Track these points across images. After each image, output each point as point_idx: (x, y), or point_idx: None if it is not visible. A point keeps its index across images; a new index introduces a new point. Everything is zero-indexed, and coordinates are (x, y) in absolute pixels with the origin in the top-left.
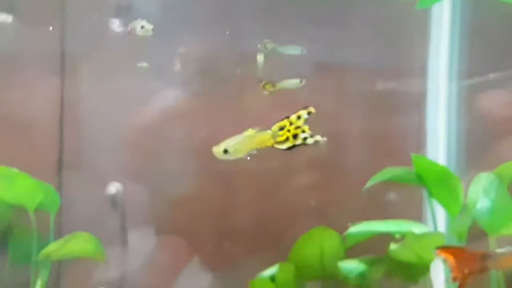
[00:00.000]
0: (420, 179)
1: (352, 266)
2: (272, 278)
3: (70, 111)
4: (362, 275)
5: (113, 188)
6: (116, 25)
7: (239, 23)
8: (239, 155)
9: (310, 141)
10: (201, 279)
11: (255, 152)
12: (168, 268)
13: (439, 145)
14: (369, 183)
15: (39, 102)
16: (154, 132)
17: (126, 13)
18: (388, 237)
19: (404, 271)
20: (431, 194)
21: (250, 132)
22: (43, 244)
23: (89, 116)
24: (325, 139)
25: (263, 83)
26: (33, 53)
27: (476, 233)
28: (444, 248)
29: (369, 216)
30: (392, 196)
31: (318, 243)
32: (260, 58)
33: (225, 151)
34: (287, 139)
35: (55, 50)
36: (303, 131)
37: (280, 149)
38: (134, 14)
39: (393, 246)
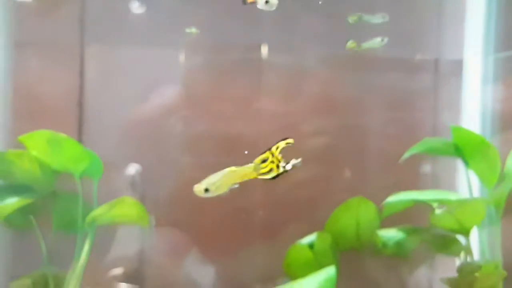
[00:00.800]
0: (457, 150)
1: (390, 234)
2: (310, 246)
3: (90, 95)
4: (399, 244)
5: (133, 169)
6: (135, 6)
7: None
8: (221, 191)
9: (289, 167)
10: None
11: (237, 185)
12: (184, 250)
13: (474, 117)
14: (407, 154)
15: (58, 86)
16: (170, 119)
17: None
18: (422, 209)
19: (439, 242)
20: (468, 165)
21: (231, 168)
22: (87, 210)
23: (109, 99)
24: (299, 160)
25: (349, 43)
26: (53, 35)
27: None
28: None
29: (403, 188)
30: (426, 168)
31: (355, 214)
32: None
33: (206, 190)
34: (271, 169)
35: (75, 33)
36: (279, 161)
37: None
38: None
39: (438, 211)
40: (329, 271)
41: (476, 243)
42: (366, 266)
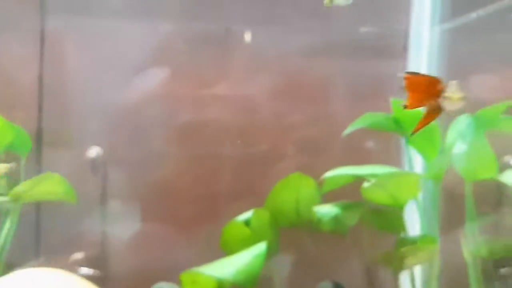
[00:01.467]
0: (398, 124)
1: (325, 210)
2: (246, 223)
3: (49, 79)
4: (336, 220)
5: (93, 151)
6: None
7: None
8: None
9: None
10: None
11: None
12: (147, 234)
13: None
14: (349, 129)
15: (17, 74)
16: (135, 108)
17: None
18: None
19: (379, 218)
20: (408, 140)
21: None
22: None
23: (69, 84)
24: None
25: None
26: (12, 21)
27: (454, 177)
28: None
29: (347, 163)
30: (371, 143)
31: (294, 190)
32: None
33: None
34: None
35: (35, 20)
36: None
37: None
38: None
39: (366, 184)
40: (260, 247)
41: (416, 218)
42: (307, 243)
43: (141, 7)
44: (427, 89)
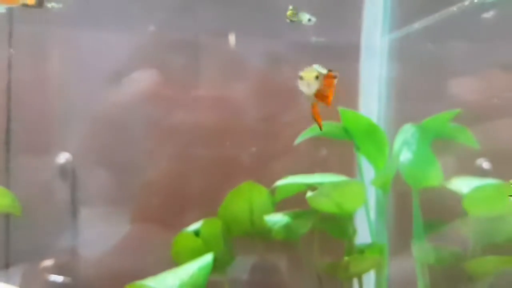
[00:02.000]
0: (347, 133)
1: (276, 218)
2: (196, 233)
3: (18, 83)
4: (287, 228)
5: (63, 157)
6: None
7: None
8: None
9: None
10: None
11: None
12: (118, 240)
13: (372, 98)
14: (300, 138)
15: None
16: (105, 113)
17: None
18: None
19: (330, 225)
20: (358, 148)
21: None
22: None
23: (38, 86)
24: None
25: (289, 11)
26: None
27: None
28: None
29: (301, 172)
30: (324, 152)
31: (247, 198)
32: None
33: None
34: None
35: (3, 24)
36: None
37: None
38: None
39: (309, 193)
40: (206, 259)
41: (366, 225)
42: (260, 251)
43: (116, 13)
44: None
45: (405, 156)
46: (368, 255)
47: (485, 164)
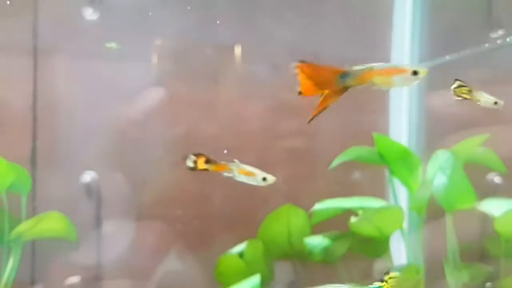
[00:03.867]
0: (382, 158)
1: (316, 241)
2: (241, 255)
3: (43, 100)
4: (326, 250)
5: (88, 176)
6: (89, 12)
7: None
8: None
9: None
10: (178, 262)
11: None
12: (144, 255)
13: (402, 127)
14: (335, 163)
15: (11, 92)
16: (132, 122)
17: (99, 1)
18: (353, 215)
19: (366, 247)
20: (392, 172)
21: None
22: (16, 225)
23: (63, 104)
24: None
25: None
26: (5, 42)
27: (436, 209)
28: (301, 63)
29: (335, 195)
30: (357, 175)
31: (285, 221)
32: None
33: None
34: None
35: (28, 39)
36: None
37: None
38: (107, 2)
39: (353, 219)
40: (254, 280)
41: (402, 248)
42: (301, 273)
43: (132, 27)
44: (322, 77)
45: (440, 180)
46: (408, 275)
47: (496, 179)
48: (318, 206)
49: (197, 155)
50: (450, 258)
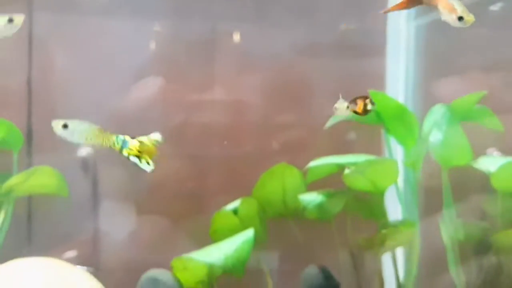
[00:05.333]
0: (377, 116)
1: (310, 198)
2: (235, 212)
3: (39, 76)
4: (321, 208)
5: (84, 151)
6: None
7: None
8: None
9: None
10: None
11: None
12: (140, 233)
13: (398, 83)
14: (330, 122)
15: (6, 75)
16: (125, 109)
17: None
18: None
19: (361, 205)
20: (388, 131)
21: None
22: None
23: (60, 79)
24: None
25: None
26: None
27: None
28: None
29: (331, 154)
30: (353, 135)
31: (280, 180)
32: None
33: (65, 126)
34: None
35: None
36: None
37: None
38: None
39: (347, 171)
40: (247, 233)
41: (397, 205)
42: (294, 231)
43: (130, 7)
44: None
45: (436, 136)
46: (403, 229)
47: (495, 154)
48: (312, 163)
49: None
50: (445, 215)
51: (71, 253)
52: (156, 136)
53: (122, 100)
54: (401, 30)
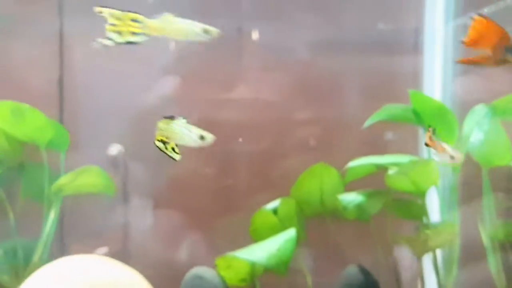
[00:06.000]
0: (417, 116)
1: (350, 198)
2: (274, 212)
3: (70, 72)
4: (360, 208)
5: (114, 149)
6: None
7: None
8: None
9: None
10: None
11: None
12: (166, 229)
13: (435, 83)
14: (369, 122)
15: (38, 64)
16: (154, 108)
17: None
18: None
19: (401, 206)
20: (427, 130)
21: None
22: (54, 181)
23: (89, 80)
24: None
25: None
26: (32, 21)
27: (471, 164)
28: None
29: (368, 154)
30: (390, 134)
31: (318, 180)
32: None
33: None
34: None
35: (53, 11)
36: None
37: None
38: None
39: (390, 172)
40: (290, 233)
41: (437, 205)
42: (333, 231)
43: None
44: (492, 36)
45: (477, 136)
46: (444, 229)
47: None
48: (352, 163)
49: None
50: (486, 215)
51: (103, 250)
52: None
53: (148, 97)
54: (438, 29)
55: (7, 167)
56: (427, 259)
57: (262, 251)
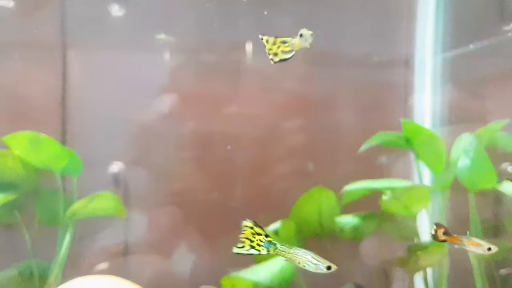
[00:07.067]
0: (408, 142)
1: (347, 220)
2: (275, 233)
3: (72, 92)
4: (356, 228)
5: (116, 167)
6: (115, 9)
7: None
8: None
9: None
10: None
11: None
12: (167, 244)
13: (425, 112)
14: (364, 147)
15: (41, 84)
16: (152, 126)
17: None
18: (380, 197)
19: (394, 227)
20: (418, 156)
21: None
22: (68, 205)
23: (91, 98)
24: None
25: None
26: (34, 35)
27: (459, 188)
28: None
29: (362, 177)
30: (383, 159)
31: (317, 202)
32: None
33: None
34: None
35: (56, 34)
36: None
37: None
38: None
39: (385, 197)
40: None
41: (427, 226)
42: (330, 251)
43: (154, 30)
44: None
45: (463, 162)
46: (435, 250)
47: (510, 168)
48: (348, 187)
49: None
50: (472, 235)
51: (104, 266)
52: None
53: (146, 115)
54: (428, 62)
55: (24, 192)
56: (418, 277)
57: (265, 271)
